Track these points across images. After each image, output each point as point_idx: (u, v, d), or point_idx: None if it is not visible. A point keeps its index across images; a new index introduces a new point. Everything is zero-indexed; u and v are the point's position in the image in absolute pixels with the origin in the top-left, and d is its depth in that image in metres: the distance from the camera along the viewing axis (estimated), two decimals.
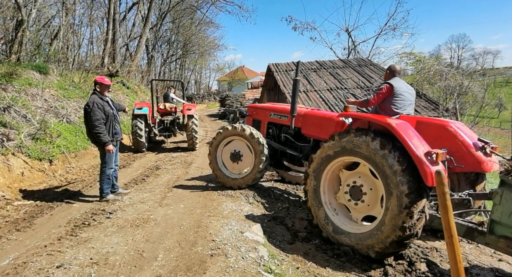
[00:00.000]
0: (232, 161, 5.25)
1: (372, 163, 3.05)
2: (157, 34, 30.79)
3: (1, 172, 4.95)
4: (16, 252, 2.96)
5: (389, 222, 2.89)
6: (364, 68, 11.73)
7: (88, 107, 4.41)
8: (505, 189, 2.31)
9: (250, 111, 5.99)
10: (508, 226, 2.29)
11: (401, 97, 3.79)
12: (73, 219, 3.89)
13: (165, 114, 9.87)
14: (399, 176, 2.84)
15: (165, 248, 2.99)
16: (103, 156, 4.66)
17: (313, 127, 4.70)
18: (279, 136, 5.42)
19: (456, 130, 3.52)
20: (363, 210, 3.28)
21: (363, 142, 3.09)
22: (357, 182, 3.29)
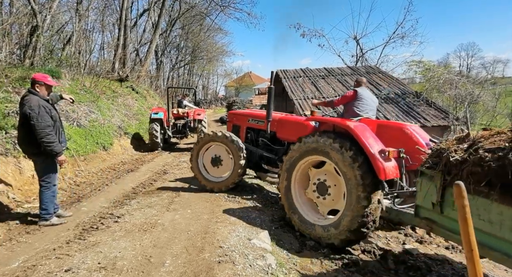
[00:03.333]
0: (212, 165, 5.52)
1: (333, 161, 3.46)
2: (166, 40, 31.24)
3: (13, 174, 5.02)
4: (26, 255, 2.98)
5: (350, 213, 3.26)
6: (372, 76, 11.69)
7: (33, 111, 3.55)
8: (423, 178, 2.71)
9: (231, 117, 6.35)
10: (426, 209, 2.70)
11: (363, 102, 4.42)
12: (81, 223, 3.92)
13: (178, 118, 11.05)
14: (356, 171, 3.23)
15: (172, 253, 2.98)
16: (47, 170, 3.83)
17: (287, 131, 4.97)
18: (256, 140, 5.69)
19: (412, 132, 3.91)
20: (329, 204, 3.70)
21: (325, 143, 3.50)
22: (323, 179, 3.70)
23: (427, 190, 2.64)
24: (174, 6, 28.87)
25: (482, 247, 2.20)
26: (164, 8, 23.88)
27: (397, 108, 9.00)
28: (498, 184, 2.08)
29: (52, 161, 3.88)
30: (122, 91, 16.21)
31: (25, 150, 3.94)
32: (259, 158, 5.59)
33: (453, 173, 2.36)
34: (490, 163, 2.09)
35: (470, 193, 2.23)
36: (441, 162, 2.49)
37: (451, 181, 2.37)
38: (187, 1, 27.82)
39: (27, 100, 3.67)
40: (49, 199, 3.84)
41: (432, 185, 2.58)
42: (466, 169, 2.26)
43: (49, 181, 3.87)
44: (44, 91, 3.83)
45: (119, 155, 9.73)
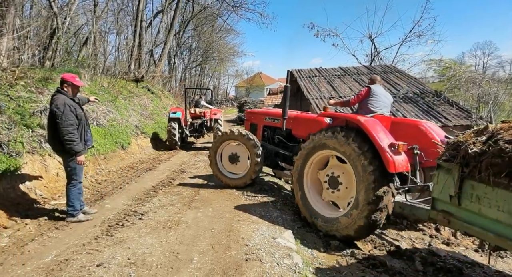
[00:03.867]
0: (230, 163, 5.71)
1: (344, 154, 3.58)
2: (179, 41, 31.55)
3: (39, 172, 5.17)
4: (57, 250, 3.06)
5: (355, 213, 3.35)
6: (389, 75, 11.50)
7: (58, 110, 3.67)
8: (440, 170, 2.72)
9: (248, 116, 6.55)
10: (443, 201, 2.69)
11: (377, 98, 4.43)
12: (107, 219, 4.00)
13: (195, 117, 11.43)
14: (365, 164, 3.33)
15: (199, 250, 3.01)
16: (73, 168, 3.92)
17: (302, 128, 5.12)
18: (273, 138, 5.87)
19: (427, 129, 3.93)
20: (346, 196, 3.77)
21: (335, 137, 3.64)
22: (331, 173, 3.90)
23: (444, 183, 2.65)
24: (187, 8, 29.14)
25: (502, 239, 2.26)
26: (178, 9, 24.14)
27: (416, 107, 8.82)
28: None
29: (74, 159, 3.95)
30: (138, 91, 16.48)
31: (54, 147, 4.05)
32: (275, 155, 5.71)
33: (472, 165, 2.38)
34: (511, 154, 2.11)
35: (490, 184, 2.27)
36: (459, 155, 2.49)
37: (469, 173, 2.40)
38: (200, 2, 28.02)
39: (54, 99, 3.81)
40: (75, 196, 3.95)
41: (449, 177, 2.59)
42: (486, 160, 2.27)
43: (75, 178, 3.97)
44: (71, 91, 3.95)
45: (137, 154, 9.89)
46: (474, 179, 2.39)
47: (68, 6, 13.30)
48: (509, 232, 2.20)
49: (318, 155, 4.02)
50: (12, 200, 4.20)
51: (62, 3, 14.17)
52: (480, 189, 2.36)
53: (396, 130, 3.95)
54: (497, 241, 2.31)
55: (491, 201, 2.29)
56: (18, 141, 4.89)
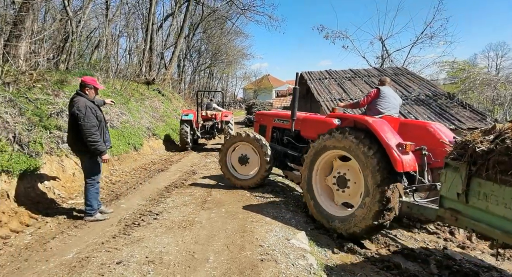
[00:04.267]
0: (240, 164, 5.83)
1: (352, 154, 3.66)
2: (189, 44, 31.88)
3: (57, 172, 5.31)
4: (78, 247, 3.16)
5: (368, 201, 3.42)
6: (400, 77, 11.42)
7: (80, 112, 3.76)
8: (447, 169, 2.76)
9: (257, 118, 6.68)
10: (451, 199, 2.74)
11: (386, 100, 4.47)
12: (123, 219, 4.09)
13: (207, 119, 11.63)
14: (373, 163, 3.40)
15: (214, 250, 3.06)
16: (92, 168, 4.05)
17: (310, 129, 5.19)
18: (282, 139, 5.95)
19: (436, 130, 3.97)
20: (356, 191, 3.86)
21: (344, 138, 3.72)
22: (337, 174, 4.00)
23: (452, 181, 2.70)
24: (196, 11, 29.45)
25: (510, 236, 2.30)
26: (189, 12, 24.41)
27: (429, 110, 8.74)
28: None
29: (96, 159, 4.09)
30: (149, 93, 16.73)
31: (73, 148, 4.17)
32: (284, 156, 5.80)
33: (479, 163, 2.43)
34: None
35: (497, 182, 2.30)
36: (466, 153, 2.54)
37: (477, 171, 2.46)
38: (209, 5, 28.28)
39: (75, 101, 3.91)
40: (93, 195, 4.05)
41: (457, 176, 2.63)
42: (493, 158, 2.31)
43: (94, 178, 4.08)
44: (92, 94, 4.08)
45: (149, 155, 10.05)
46: (481, 177, 2.44)
47: (82, 10, 13.61)
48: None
49: (323, 158, 4.13)
50: (32, 199, 4.34)
51: (75, 7, 14.53)
52: (487, 187, 2.41)
53: (404, 131, 4.01)
54: (504, 238, 2.34)
55: (498, 198, 2.34)
56: (38, 142, 5.04)
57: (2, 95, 5.25)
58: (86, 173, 4.07)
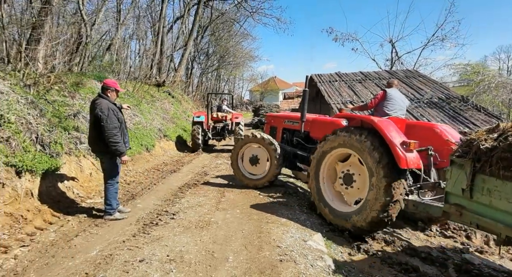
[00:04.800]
0: (251, 165, 6.00)
1: (359, 153, 3.81)
2: (197, 47, 32.15)
3: (75, 172, 5.45)
4: (100, 245, 3.25)
5: (373, 196, 3.56)
6: (412, 80, 11.36)
7: (103, 114, 3.86)
8: (453, 166, 2.87)
9: (268, 120, 6.92)
10: (456, 195, 2.85)
11: (392, 101, 4.59)
12: (141, 218, 4.18)
13: (218, 121, 11.78)
14: (378, 161, 3.54)
15: (233, 250, 3.12)
16: (112, 169, 4.15)
17: (319, 130, 5.39)
18: (291, 140, 6.13)
19: (442, 131, 4.10)
20: (355, 194, 4.09)
21: (349, 136, 3.92)
22: (349, 170, 4.15)
23: (457, 177, 2.81)
24: (205, 13, 29.70)
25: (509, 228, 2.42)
26: (198, 15, 24.66)
27: (442, 113, 8.67)
28: None
29: (116, 160, 4.20)
30: (159, 95, 16.93)
31: (94, 149, 4.27)
32: (293, 156, 5.98)
33: (483, 160, 2.54)
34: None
35: (500, 178, 2.43)
36: (471, 151, 2.66)
37: (481, 168, 2.58)
38: (218, 8, 28.49)
39: (98, 103, 4.03)
40: (112, 195, 4.16)
41: (462, 172, 2.75)
42: (496, 155, 2.43)
43: (113, 179, 4.19)
44: (113, 96, 4.21)
45: (160, 156, 10.18)
46: (485, 173, 2.55)
47: (96, 13, 13.91)
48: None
49: (329, 158, 4.35)
50: (53, 198, 4.47)
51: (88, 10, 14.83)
52: (491, 183, 2.52)
53: (411, 132, 4.11)
54: (508, 232, 2.44)
55: (501, 193, 2.45)
56: (58, 143, 5.19)
57: (24, 97, 5.42)
58: (106, 174, 4.19)
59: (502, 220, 2.46)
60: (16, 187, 3.85)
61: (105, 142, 3.98)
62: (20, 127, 4.54)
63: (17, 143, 4.23)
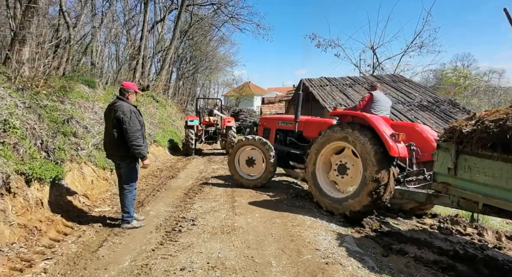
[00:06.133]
0: (247, 166, 6.35)
1: (353, 144, 4.33)
2: (177, 51, 31.67)
3: (78, 180, 5.16)
4: (129, 255, 3.07)
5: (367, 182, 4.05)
6: (399, 84, 11.80)
7: (125, 116, 3.75)
8: (439, 150, 3.36)
9: (262, 121, 7.43)
10: (442, 174, 3.33)
11: (378, 103, 5.01)
12: (160, 226, 4.01)
13: (209, 125, 12.01)
14: (370, 149, 4.05)
15: (271, 255, 3.06)
16: (130, 174, 4.00)
17: (312, 130, 5.90)
18: (285, 140, 6.61)
19: (422, 130, 4.74)
20: (348, 182, 4.66)
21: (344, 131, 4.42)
22: (343, 161, 4.70)
23: (443, 159, 3.27)
24: (183, 18, 29.34)
25: (489, 198, 2.88)
26: (180, 20, 24.38)
27: (434, 115, 9.07)
28: (499, 145, 2.73)
29: (135, 165, 4.03)
30: (144, 100, 16.49)
31: (113, 153, 4.04)
32: (286, 155, 6.43)
33: (465, 142, 3.03)
34: (493, 129, 2.75)
35: (478, 156, 2.93)
36: (454, 135, 3.16)
37: (463, 149, 3.06)
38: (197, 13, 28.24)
39: (118, 106, 3.86)
40: (130, 202, 3.97)
41: (447, 154, 3.23)
42: (475, 136, 2.91)
43: (131, 184, 4.01)
44: (133, 98, 4.12)
45: (152, 162, 9.87)
46: (466, 153, 3.04)
47: (80, 16, 13.41)
48: (494, 192, 2.83)
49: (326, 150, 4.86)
50: (62, 207, 4.19)
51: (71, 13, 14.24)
52: (471, 161, 3.00)
53: (395, 130, 4.47)
54: (485, 200, 2.93)
55: (479, 169, 2.93)
56: (62, 149, 4.90)
57: (22, 101, 5.08)
58: (124, 179, 4.00)
59: (481, 191, 2.93)
60: (28, 197, 3.58)
61: (126, 146, 3.82)
62: (25, 132, 4.25)
63: (24, 149, 3.94)
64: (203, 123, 11.94)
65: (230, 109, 39.70)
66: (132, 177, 4.03)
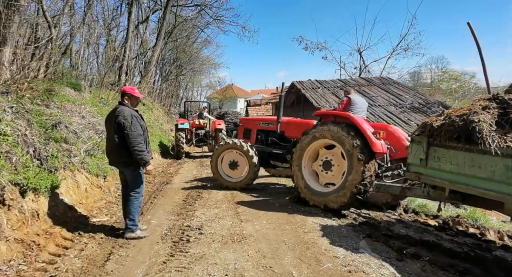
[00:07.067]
0: (230, 169, 6.49)
1: (338, 141, 4.68)
2: (161, 53, 31.11)
3: (72, 188, 4.89)
4: (140, 268, 2.90)
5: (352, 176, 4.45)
6: (389, 86, 12.00)
7: (126, 121, 3.60)
8: (413, 143, 3.77)
9: (242, 122, 7.54)
10: (415, 165, 3.72)
11: (356, 105, 5.34)
12: (165, 236, 3.84)
13: (199, 128, 12.04)
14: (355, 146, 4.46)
15: (290, 264, 2.96)
16: (136, 180, 3.84)
17: (294, 130, 6.23)
18: (266, 140, 6.83)
19: (395, 130, 5.28)
20: (329, 178, 5.06)
21: (330, 129, 4.76)
22: (328, 158, 5.05)
23: (416, 151, 3.68)
24: (168, 19, 28.88)
25: (453, 183, 3.30)
26: (165, 21, 24.00)
27: (426, 117, 9.25)
28: (463, 136, 3.10)
29: (139, 171, 3.86)
30: None
31: (116, 160, 3.87)
32: (268, 155, 6.65)
33: (435, 134, 3.41)
34: (458, 122, 3.14)
35: (445, 147, 3.34)
36: (426, 129, 3.54)
37: (433, 141, 3.45)
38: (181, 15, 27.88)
39: (119, 111, 3.71)
40: (136, 209, 3.81)
41: (420, 146, 3.63)
42: (444, 130, 3.30)
43: (138, 191, 3.86)
44: (134, 103, 3.96)
45: None
46: (436, 145, 3.44)
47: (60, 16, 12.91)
48: (458, 178, 3.23)
49: (312, 147, 5.13)
50: (59, 219, 3.94)
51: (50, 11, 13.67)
52: (440, 152, 3.40)
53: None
54: (451, 186, 3.34)
55: (446, 158, 3.34)
56: (55, 156, 4.62)
57: (9, 106, 4.77)
58: (130, 186, 3.83)
59: (448, 178, 3.33)
60: (23, 209, 3.33)
61: (128, 152, 3.66)
62: (17, 139, 3.97)
63: (17, 158, 3.67)
64: (193, 126, 11.92)
65: (214, 111, 39.40)
66: (138, 184, 3.86)
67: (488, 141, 2.84)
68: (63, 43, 16.33)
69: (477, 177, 3.05)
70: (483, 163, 2.98)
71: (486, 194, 3.00)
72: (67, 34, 15.29)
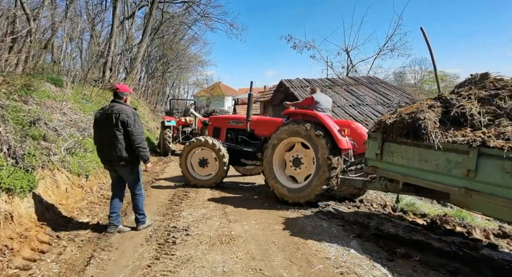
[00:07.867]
0: (200, 167, 6.52)
1: (307, 139, 4.91)
2: (147, 50, 30.53)
3: (51, 188, 4.64)
4: (123, 273, 2.75)
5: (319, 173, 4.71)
6: (376, 86, 12.09)
7: (130, 119, 3.62)
8: (370, 139, 4.00)
9: (212, 121, 7.50)
10: (372, 159, 3.97)
11: (320, 104, 5.45)
12: (150, 237, 3.68)
13: (185, 125, 12.15)
14: (323, 143, 4.68)
15: (280, 266, 2.87)
16: (136, 178, 3.95)
17: (263, 128, 6.29)
18: (236, 139, 6.89)
19: (357, 127, 5.57)
20: (304, 172, 5.17)
21: (299, 127, 4.96)
22: (295, 155, 5.25)
23: (372, 146, 3.92)
24: (155, 15, 28.36)
25: (405, 176, 3.53)
26: (152, 17, 23.55)
27: None
28: (411, 133, 3.33)
29: (138, 169, 3.96)
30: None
31: (111, 159, 3.78)
32: (237, 154, 6.68)
33: (388, 131, 3.65)
34: (407, 120, 3.36)
35: (397, 143, 3.58)
36: (381, 126, 3.78)
37: (387, 137, 3.69)
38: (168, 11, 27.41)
39: (119, 109, 3.68)
40: (143, 204, 4.01)
41: (375, 142, 3.87)
42: (395, 126, 3.54)
43: (140, 188, 4.01)
44: (128, 101, 3.98)
45: None
46: (389, 141, 3.67)
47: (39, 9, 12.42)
48: (409, 171, 3.47)
49: (284, 143, 5.26)
50: (35, 221, 3.72)
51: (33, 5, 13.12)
52: (393, 147, 3.64)
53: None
54: (403, 178, 3.58)
55: (398, 153, 3.57)
56: (32, 155, 4.37)
57: None
58: (132, 185, 3.95)
59: (400, 171, 3.57)
60: None
61: (130, 150, 3.68)
62: None
63: None
64: (179, 123, 11.93)
65: (201, 109, 38.97)
66: (138, 181, 3.99)
67: (432, 137, 3.08)
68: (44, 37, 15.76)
69: (424, 170, 3.27)
70: (429, 157, 3.20)
71: (433, 185, 3.19)
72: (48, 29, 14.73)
